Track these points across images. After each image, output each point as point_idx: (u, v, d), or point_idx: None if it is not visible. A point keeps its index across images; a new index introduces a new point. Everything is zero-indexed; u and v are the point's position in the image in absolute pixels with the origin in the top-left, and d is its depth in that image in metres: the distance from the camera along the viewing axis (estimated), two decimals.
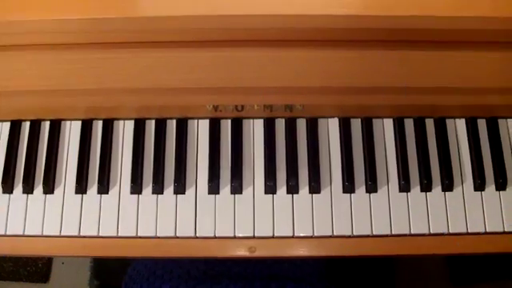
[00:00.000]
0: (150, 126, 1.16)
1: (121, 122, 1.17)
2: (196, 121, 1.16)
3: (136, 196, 1.12)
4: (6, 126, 1.17)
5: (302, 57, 1.07)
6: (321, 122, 1.16)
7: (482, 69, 1.09)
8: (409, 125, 1.16)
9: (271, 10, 1.00)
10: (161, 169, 1.13)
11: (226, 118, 1.16)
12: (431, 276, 2.09)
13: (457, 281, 2.09)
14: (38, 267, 2.15)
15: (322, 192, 1.11)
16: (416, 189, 1.12)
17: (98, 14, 1.00)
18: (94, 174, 1.13)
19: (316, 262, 1.29)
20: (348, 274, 1.41)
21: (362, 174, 1.13)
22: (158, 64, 1.07)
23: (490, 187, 1.13)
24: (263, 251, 1.10)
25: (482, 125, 1.17)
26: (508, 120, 1.18)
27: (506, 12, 1.00)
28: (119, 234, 1.10)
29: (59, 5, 1.01)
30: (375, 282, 1.65)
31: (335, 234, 1.09)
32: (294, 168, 1.12)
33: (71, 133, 1.16)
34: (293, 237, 1.09)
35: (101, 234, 1.10)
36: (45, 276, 2.15)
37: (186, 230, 1.09)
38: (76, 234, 1.09)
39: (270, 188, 1.11)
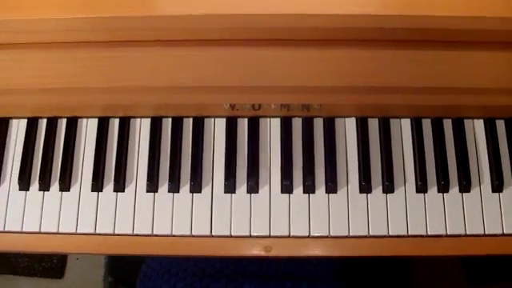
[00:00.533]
0: (167, 125, 1.16)
1: (137, 120, 1.16)
2: (213, 119, 1.16)
3: (152, 194, 1.12)
4: (23, 123, 1.17)
5: (319, 56, 1.07)
6: (338, 121, 1.16)
7: (501, 69, 1.08)
8: (426, 125, 1.16)
9: (289, 9, 1.00)
10: (177, 167, 1.12)
11: (243, 117, 1.16)
12: (446, 276, 2.08)
13: (472, 281, 2.08)
14: (52, 263, 2.16)
15: (338, 192, 1.11)
16: (433, 189, 1.12)
17: (117, 13, 1.00)
18: (111, 172, 1.13)
19: (331, 262, 1.29)
20: (363, 273, 1.40)
21: (378, 174, 1.12)
22: (175, 62, 1.07)
23: (508, 188, 1.12)
24: (279, 251, 1.09)
25: (500, 126, 1.16)
26: None
27: None
28: (135, 232, 1.10)
29: (77, 2, 1.01)
30: (390, 281, 1.65)
31: (351, 234, 1.09)
32: (310, 167, 1.12)
33: (88, 130, 1.16)
34: (309, 236, 1.09)
35: (117, 232, 1.10)
36: (59, 272, 2.16)
37: (201, 229, 1.09)
38: (92, 231, 1.09)
39: (287, 187, 1.11)
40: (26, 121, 1.17)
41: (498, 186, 1.12)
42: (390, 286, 1.70)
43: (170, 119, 1.16)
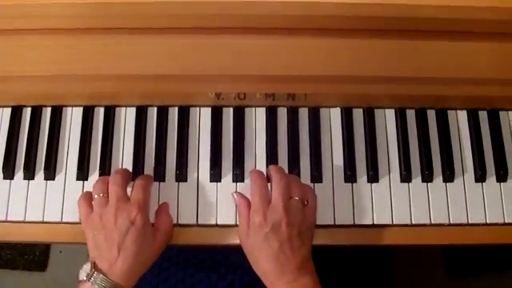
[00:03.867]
0: (152, 114, 1.16)
1: (123, 109, 1.16)
2: (198, 109, 1.16)
3: None
4: (7, 111, 1.16)
5: (304, 45, 1.06)
6: (323, 111, 1.16)
7: (484, 59, 1.08)
8: (410, 115, 1.17)
9: None
10: (162, 156, 1.12)
11: (228, 107, 1.16)
12: (428, 269, 2.10)
13: (453, 273, 2.10)
14: (35, 255, 2.15)
15: (323, 181, 1.11)
16: (417, 179, 1.13)
17: None
18: (96, 161, 1.13)
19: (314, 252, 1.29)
20: (345, 263, 1.41)
21: (363, 163, 1.13)
22: (160, 51, 1.06)
23: (491, 178, 1.14)
24: None
25: (483, 116, 1.18)
26: (509, 112, 1.19)
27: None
28: None
29: None
30: (372, 273, 1.65)
31: (336, 223, 1.09)
32: (295, 157, 1.12)
33: (73, 119, 1.16)
34: None
35: None
36: (42, 264, 2.16)
37: (187, 218, 1.09)
38: (77, 220, 1.08)
39: None
40: (9, 109, 1.16)
41: (481, 176, 1.13)
42: (372, 278, 1.70)
43: (156, 108, 1.16)
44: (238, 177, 1.11)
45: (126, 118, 1.16)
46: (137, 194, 1.02)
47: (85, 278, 0.96)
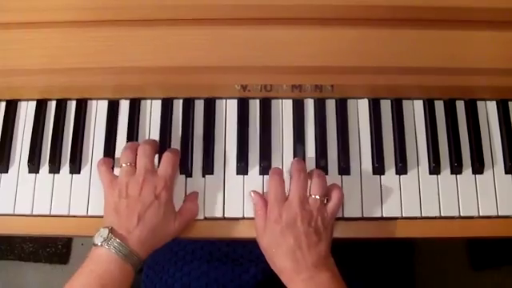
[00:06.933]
0: (178, 106, 1.15)
1: (148, 102, 1.15)
2: (224, 101, 1.15)
3: None
4: (32, 105, 1.16)
5: (331, 35, 1.06)
6: (350, 102, 1.15)
7: None
8: (439, 106, 1.15)
9: None
10: (189, 149, 1.12)
11: (255, 98, 1.15)
12: (451, 260, 2.09)
13: (477, 265, 2.09)
14: (57, 248, 2.16)
15: (351, 173, 1.10)
16: (446, 171, 1.11)
17: None
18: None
19: (336, 246, 1.28)
20: (367, 256, 1.40)
21: (391, 155, 1.12)
22: (186, 42, 1.06)
23: None
24: None
25: None
26: None
27: None
28: None
29: None
30: (394, 265, 1.64)
31: (364, 215, 1.08)
32: (323, 149, 1.11)
33: (98, 112, 1.15)
34: None
35: None
36: (64, 257, 2.17)
37: (214, 211, 1.08)
38: (103, 214, 1.08)
39: None
40: (34, 103, 1.16)
41: (511, 167, 1.11)
42: (394, 270, 1.69)
43: (181, 100, 1.15)
44: (265, 169, 1.10)
45: (152, 111, 1.15)
46: (165, 168, 1.03)
47: (100, 243, 0.97)
